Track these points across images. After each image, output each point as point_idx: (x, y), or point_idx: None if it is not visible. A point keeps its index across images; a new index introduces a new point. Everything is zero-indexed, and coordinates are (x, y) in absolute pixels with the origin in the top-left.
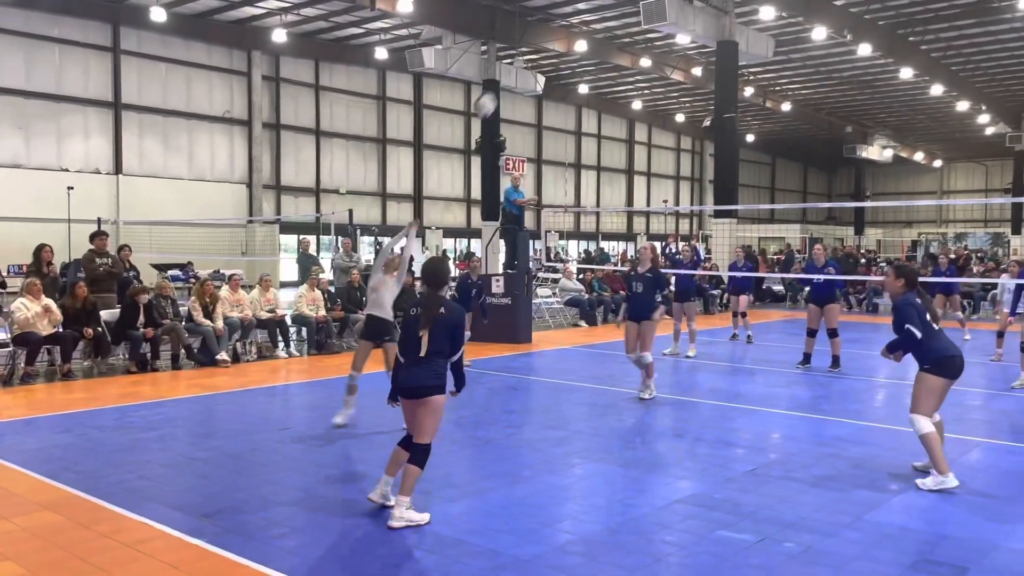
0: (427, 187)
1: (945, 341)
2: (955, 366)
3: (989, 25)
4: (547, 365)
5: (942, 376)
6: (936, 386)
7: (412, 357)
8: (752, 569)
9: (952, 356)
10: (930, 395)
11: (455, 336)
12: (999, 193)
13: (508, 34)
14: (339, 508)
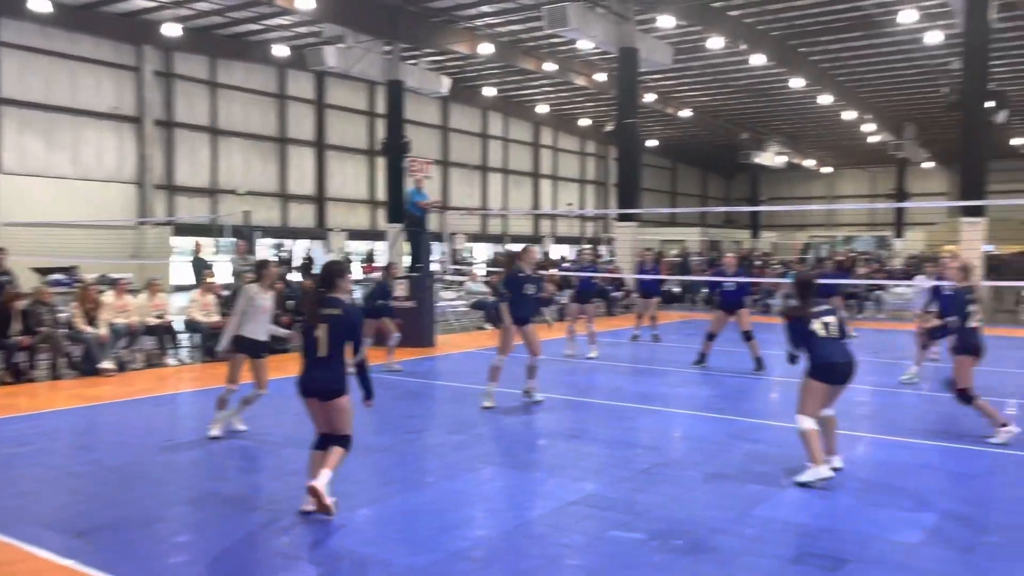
0: (330, 188)
1: (829, 348)
2: (834, 373)
3: (873, 39)
4: (451, 369)
5: (821, 380)
6: (814, 389)
7: (312, 359)
8: (642, 567)
9: (832, 364)
10: (809, 396)
11: (353, 337)
12: (883, 198)
13: (412, 35)
14: (225, 522)
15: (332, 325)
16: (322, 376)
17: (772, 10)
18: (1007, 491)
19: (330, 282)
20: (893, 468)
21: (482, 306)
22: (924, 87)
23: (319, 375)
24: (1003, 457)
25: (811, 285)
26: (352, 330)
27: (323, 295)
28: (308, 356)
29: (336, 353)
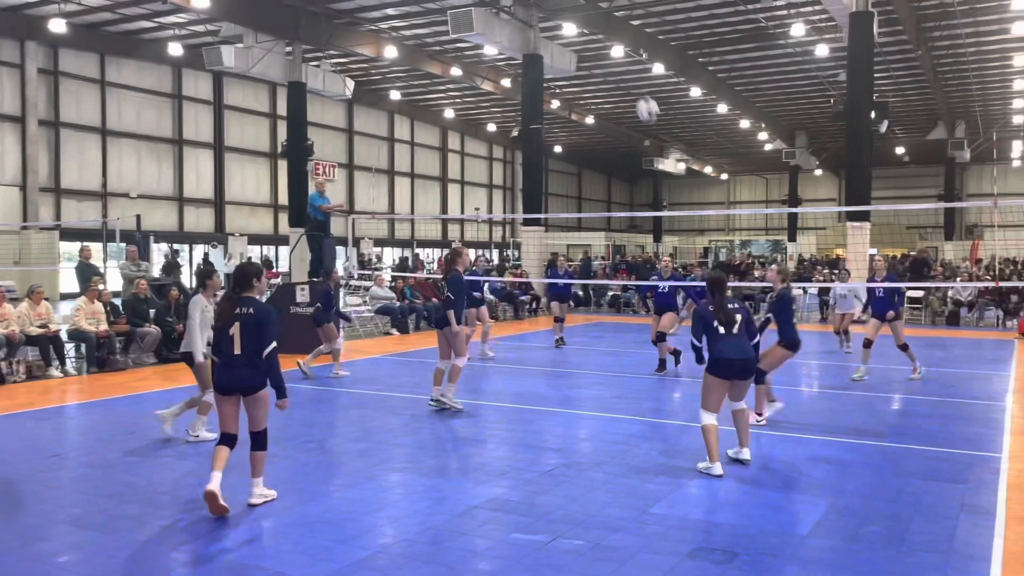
0: (230, 191)
1: (726, 345)
2: (729, 368)
3: (767, 50)
4: (354, 375)
5: (716, 376)
6: (711, 384)
7: (229, 358)
8: (543, 569)
9: (727, 360)
10: (709, 392)
11: (264, 333)
12: (777, 204)
13: (314, 36)
14: (112, 539)
15: (244, 324)
16: (242, 373)
17: (671, 20)
18: (887, 481)
19: (245, 283)
20: (784, 463)
21: (388, 311)
22: (814, 97)
23: (239, 372)
24: (884, 450)
25: (722, 284)
26: (262, 329)
27: (237, 295)
28: (224, 355)
29: (252, 351)
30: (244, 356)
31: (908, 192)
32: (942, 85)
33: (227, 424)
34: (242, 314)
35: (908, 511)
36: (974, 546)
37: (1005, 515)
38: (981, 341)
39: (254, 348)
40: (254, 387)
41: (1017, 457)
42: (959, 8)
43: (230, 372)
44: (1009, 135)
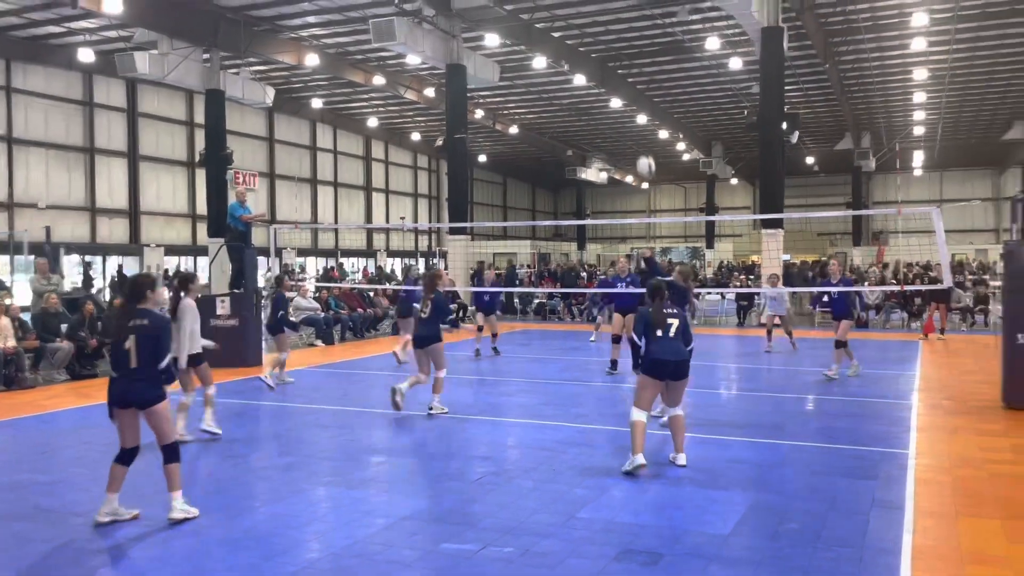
0: (145, 202)
1: (661, 346)
2: (662, 369)
3: (684, 62)
4: (278, 389)
5: (650, 375)
6: (645, 383)
7: (124, 371)
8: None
9: (661, 361)
10: (642, 391)
11: (159, 347)
12: (696, 212)
13: (233, 43)
14: (25, 565)
15: (140, 336)
16: (137, 387)
17: (592, 33)
18: (804, 479)
19: (139, 294)
20: (707, 464)
21: (312, 322)
22: (729, 109)
23: (134, 386)
24: (800, 449)
25: (661, 290)
26: (158, 340)
27: (132, 308)
28: (120, 369)
29: (148, 363)
30: (140, 369)
31: (818, 200)
32: (848, 97)
33: (125, 439)
34: (137, 326)
35: (824, 508)
36: (885, 540)
37: (913, 509)
38: (888, 343)
39: (150, 361)
40: (150, 400)
41: (923, 453)
42: (863, 24)
43: (126, 386)
44: (911, 145)
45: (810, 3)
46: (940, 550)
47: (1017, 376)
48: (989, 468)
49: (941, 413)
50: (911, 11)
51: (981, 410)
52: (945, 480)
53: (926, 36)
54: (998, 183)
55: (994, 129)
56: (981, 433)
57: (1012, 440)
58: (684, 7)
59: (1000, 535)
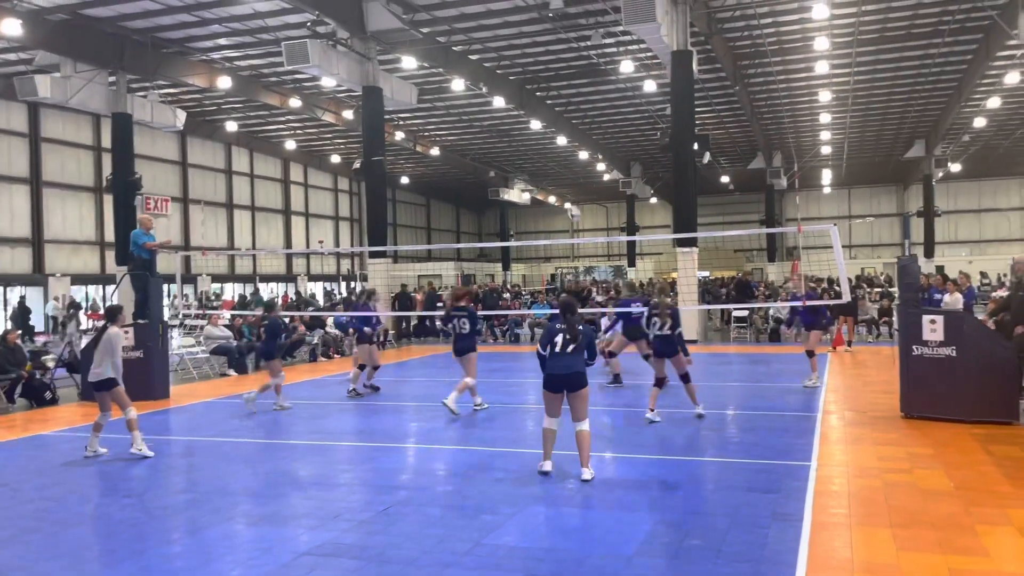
0: (49, 230)
1: (554, 361)
2: (553, 382)
3: (599, 85)
4: (185, 422)
5: (546, 389)
6: (545, 396)
7: None
8: None
9: (551, 375)
10: (546, 402)
11: None
12: (617, 231)
13: (140, 65)
14: None
15: None
16: None
17: (509, 56)
18: (708, 495)
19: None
20: (615, 483)
21: (224, 351)
22: (645, 130)
23: None
24: (706, 465)
25: (572, 306)
26: None
27: None
28: None
29: None
30: None
31: (734, 217)
32: (759, 118)
33: None
34: None
35: (725, 523)
36: (783, 552)
37: (811, 522)
38: (799, 356)
39: None
40: None
41: (824, 464)
42: (770, 48)
43: None
44: (820, 164)
45: (718, 27)
46: (834, 561)
47: (913, 386)
48: (885, 477)
49: (844, 424)
50: (814, 35)
51: (881, 420)
52: (843, 491)
53: (828, 59)
54: (903, 198)
55: (897, 147)
56: (879, 443)
57: (907, 449)
58: (598, 31)
59: (890, 543)
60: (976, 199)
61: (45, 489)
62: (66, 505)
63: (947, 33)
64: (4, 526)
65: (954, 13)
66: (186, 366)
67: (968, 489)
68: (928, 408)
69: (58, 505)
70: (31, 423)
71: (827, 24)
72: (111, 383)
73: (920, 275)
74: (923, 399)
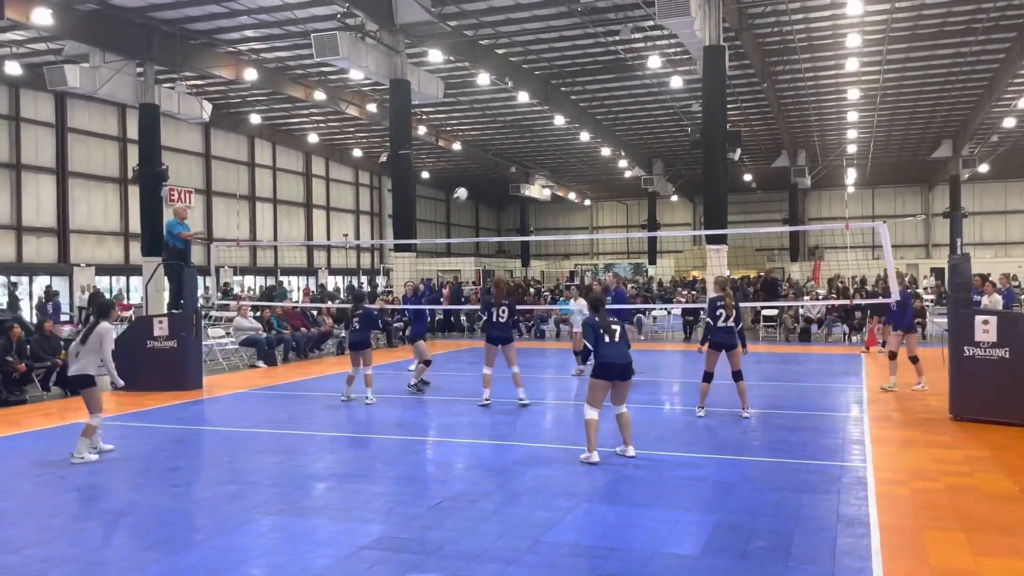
0: (75, 220)
1: (609, 351)
2: (611, 371)
3: (625, 81)
4: (220, 412)
5: (600, 378)
6: (596, 385)
7: None
8: None
9: (610, 364)
10: (593, 391)
11: None
12: (637, 228)
13: (168, 56)
14: None
15: None
16: None
17: (535, 50)
18: (765, 496)
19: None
20: (665, 483)
21: (253, 343)
22: (670, 127)
23: None
24: (758, 465)
25: (601, 301)
26: None
27: None
28: None
29: None
30: None
31: (756, 216)
32: (785, 116)
33: None
34: None
35: (789, 525)
36: (854, 556)
37: (877, 524)
38: (831, 356)
39: None
40: None
41: (880, 467)
42: (799, 44)
43: None
44: (845, 163)
45: (748, 23)
46: (910, 565)
47: (964, 388)
48: (945, 480)
49: (892, 426)
50: (845, 32)
51: (930, 422)
52: (904, 493)
53: (858, 57)
54: (927, 199)
55: (923, 147)
56: (933, 445)
57: (963, 451)
58: (627, 26)
59: (966, 548)
60: (1003, 200)
61: (91, 476)
62: (115, 494)
63: (980, 31)
64: (54, 514)
65: (988, 11)
66: (215, 357)
67: None
68: (979, 410)
69: (107, 493)
70: (67, 411)
71: (859, 21)
72: (88, 380)
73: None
74: (974, 401)
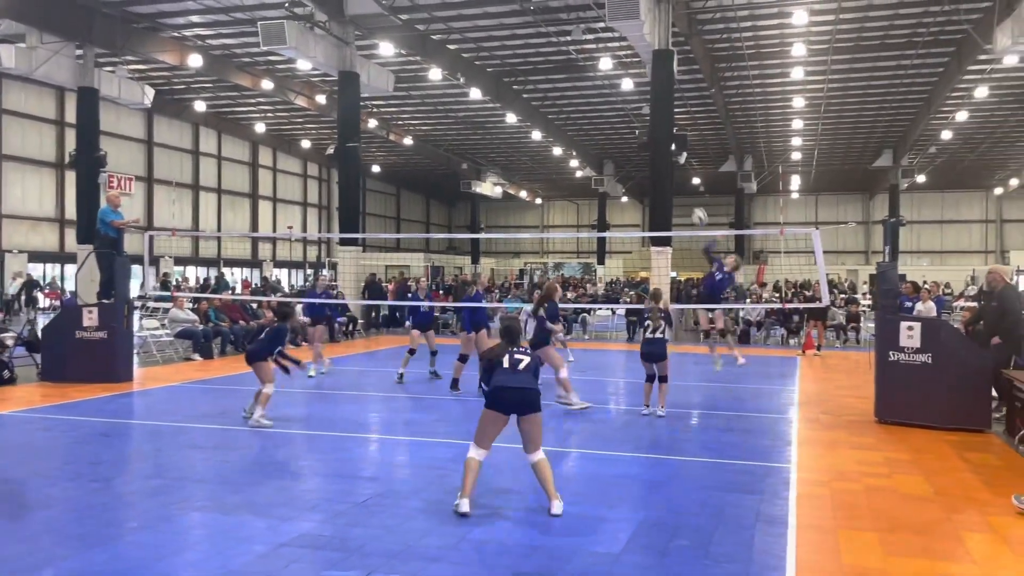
0: (7, 204)
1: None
2: (503, 399)
3: (577, 81)
4: (150, 406)
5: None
6: (484, 417)
7: None
8: None
9: (502, 389)
10: (480, 425)
11: None
12: (587, 228)
13: (109, 39)
14: None
15: None
16: None
17: (488, 47)
18: (692, 495)
19: None
20: (597, 481)
21: (189, 335)
22: (620, 128)
23: None
24: (688, 464)
25: (514, 331)
26: None
27: None
28: None
29: None
30: None
31: None
32: (732, 121)
33: None
34: None
35: (712, 523)
36: (771, 555)
37: (796, 523)
38: (769, 358)
39: None
40: None
41: (804, 467)
42: (747, 51)
43: None
44: (789, 169)
45: (698, 28)
46: (822, 564)
47: (889, 392)
48: (865, 481)
49: (819, 427)
50: (791, 41)
51: (856, 424)
52: (825, 493)
53: (804, 66)
54: (868, 207)
55: (865, 156)
56: (856, 447)
57: (885, 454)
58: (579, 27)
59: (878, 548)
60: (939, 210)
61: (6, 471)
62: (31, 487)
63: (921, 45)
64: None
65: (929, 25)
66: (149, 349)
67: (948, 495)
68: (902, 414)
69: (22, 487)
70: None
71: (804, 31)
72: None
73: (898, 282)
74: (898, 405)
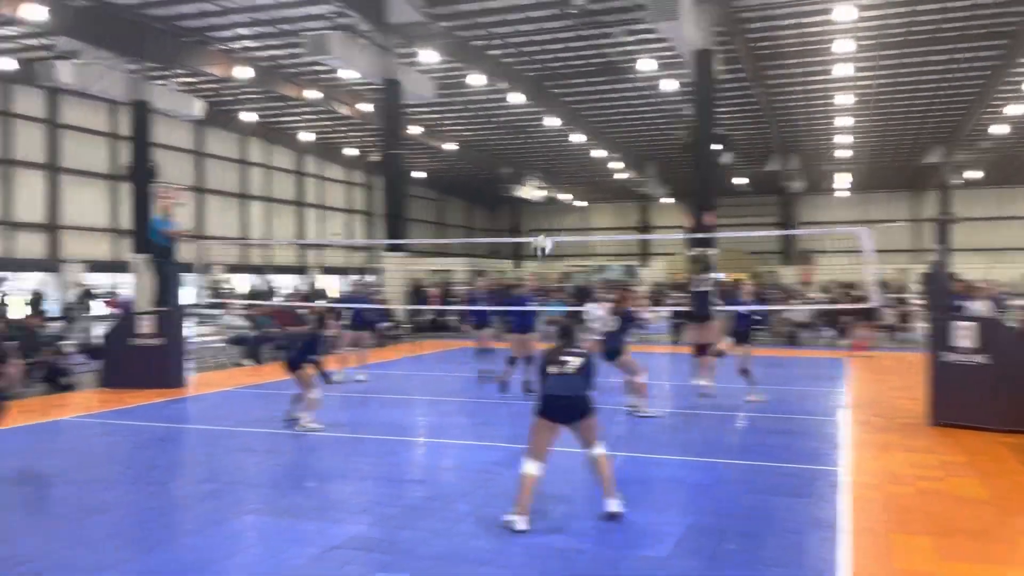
0: (65, 216)
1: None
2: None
3: (617, 83)
4: (203, 411)
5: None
6: (534, 426)
7: None
8: None
9: (553, 397)
10: (530, 435)
11: None
12: (630, 231)
13: (160, 54)
14: None
15: None
16: None
17: (528, 52)
18: (739, 499)
19: None
20: (642, 484)
21: (242, 340)
22: (663, 129)
23: None
24: (736, 468)
25: (570, 331)
26: None
27: None
28: None
29: None
30: None
31: (748, 220)
32: (776, 120)
33: None
34: None
35: (760, 528)
36: (821, 559)
37: (851, 528)
38: (817, 360)
39: None
40: None
41: (854, 470)
42: (790, 49)
43: None
44: (836, 167)
45: (740, 27)
46: (874, 569)
47: (942, 394)
48: (919, 485)
49: (870, 430)
50: (837, 37)
51: (908, 427)
52: (876, 497)
53: (851, 62)
54: (917, 205)
55: (915, 153)
56: (909, 450)
57: (939, 457)
58: (619, 28)
59: (932, 552)
60: (994, 207)
61: (68, 475)
62: (91, 492)
63: (973, 38)
64: (31, 512)
65: (981, 17)
66: (202, 355)
67: (1005, 499)
68: (957, 416)
69: (81, 491)
70: (50, 408)
71: (852, 26)
72: None
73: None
74: (952, 407)
